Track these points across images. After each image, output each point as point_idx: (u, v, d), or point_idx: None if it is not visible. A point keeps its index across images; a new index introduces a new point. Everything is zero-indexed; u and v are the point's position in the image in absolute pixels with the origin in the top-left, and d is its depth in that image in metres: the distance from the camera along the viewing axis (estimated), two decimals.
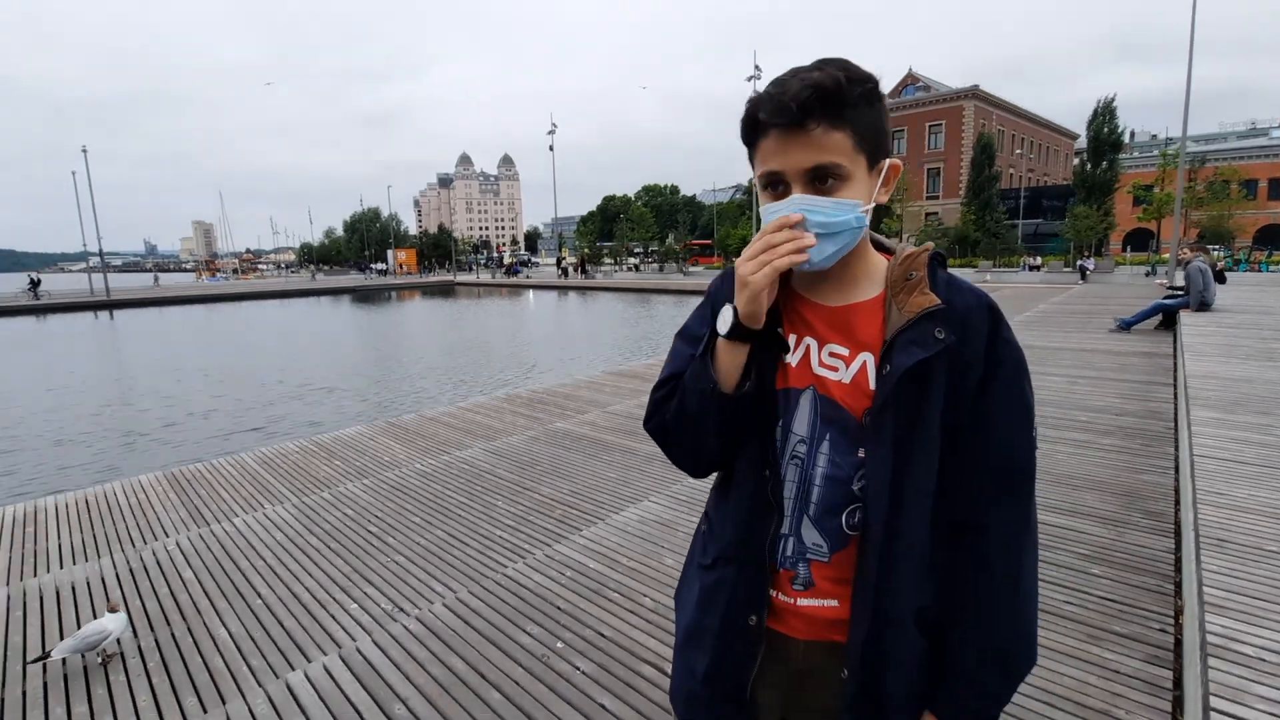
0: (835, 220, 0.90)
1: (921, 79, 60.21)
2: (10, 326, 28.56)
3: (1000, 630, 0.97)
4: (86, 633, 2.71)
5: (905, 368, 0.91)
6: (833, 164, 0.89)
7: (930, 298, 0.94)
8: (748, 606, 1.03)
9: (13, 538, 4.39)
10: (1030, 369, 0.97)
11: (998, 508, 0.96)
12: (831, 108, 0.87)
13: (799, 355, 1.00)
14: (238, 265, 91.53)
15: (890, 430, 0.93)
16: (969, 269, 36.67)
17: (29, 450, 9.45)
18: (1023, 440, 0.96)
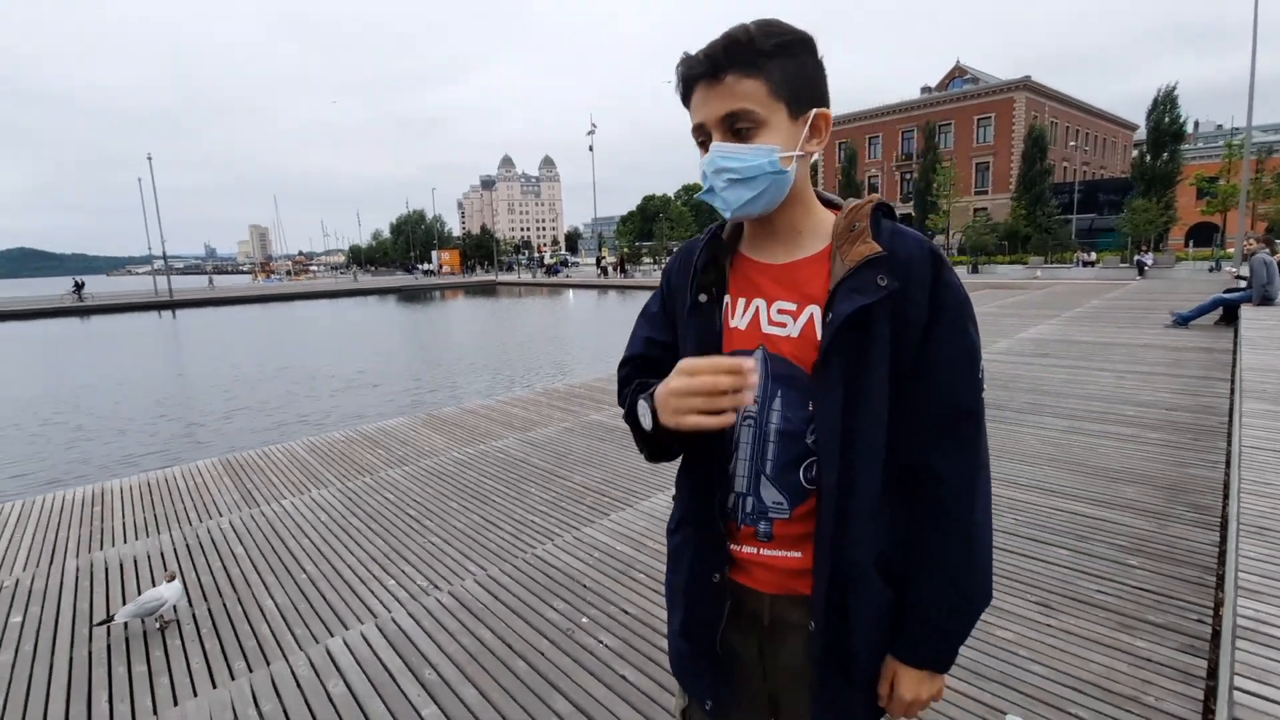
0: (747, 165, 0.92)
1: (970, 71, 58.55)
2: (70, 327, 30.25)
3: (956, 572, 0.97)
4: (146, 599, 2.90)
5: (846, 314, 0.91)
6: (744, 109, 0.91)
7: (872, 246, 0.94)
8: (710, 565, 1.06)
9: (82, 516, 4.70)
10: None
11: (946, 451, 0.96)
12: (742, 56, 0.90)
13: (748, 317, 1.02)
14: (290, 267, 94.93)
15: (837, 379, 0.94)
16: (1018, 265, 35.52)
17: (98, 439, 10.04)
18: (967, 383, 0.96)
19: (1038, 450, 4.61)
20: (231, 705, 2.24)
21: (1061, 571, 2.93)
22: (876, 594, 0.98)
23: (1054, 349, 8.76)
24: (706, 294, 1.04)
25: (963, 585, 0.98)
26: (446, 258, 72.41)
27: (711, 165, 0.94)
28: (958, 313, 0.96)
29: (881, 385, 0.94)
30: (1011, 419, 5.43)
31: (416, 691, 2.30)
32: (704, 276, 1.05)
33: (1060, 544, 3.19)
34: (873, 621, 0.99)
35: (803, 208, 1.01)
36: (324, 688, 2.33)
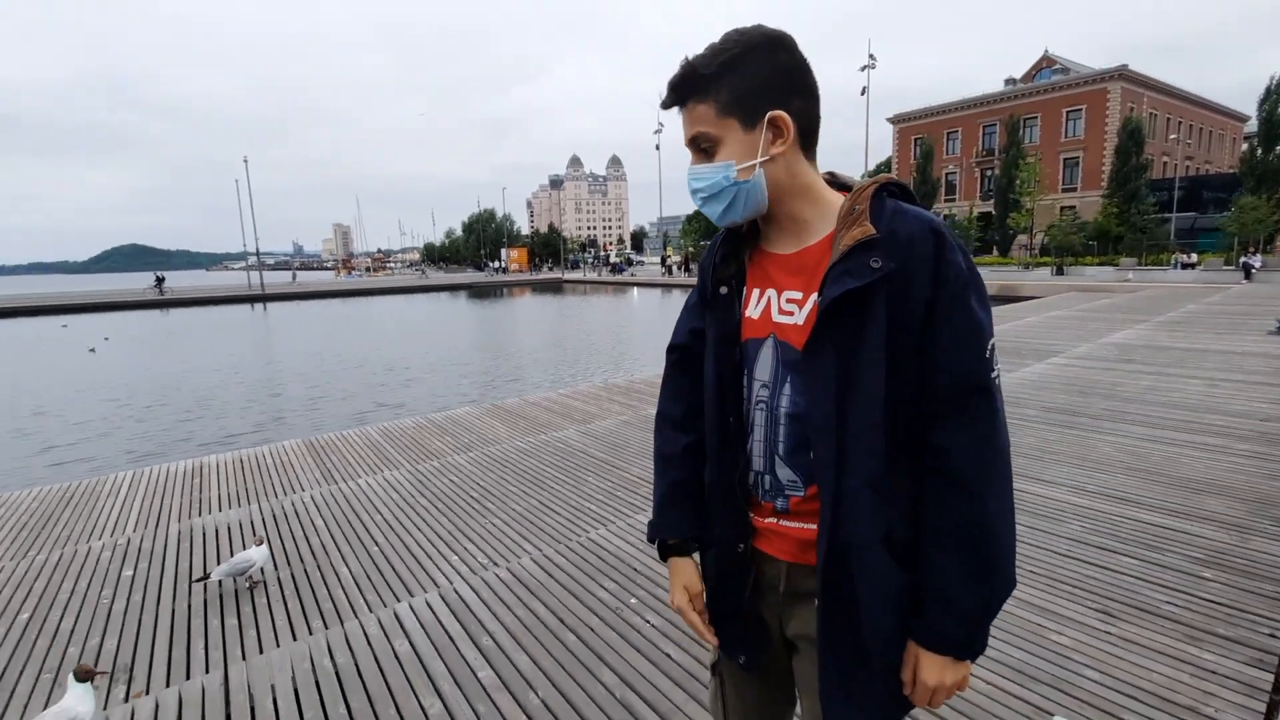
0: (709, 183, 1.01)
1: (1059, 61, 55.33)
2: (175, 318, 32.72)
3: (969, 550, 0.95)
4: (237, 560, 3.20)
5: (831, 298, 0.94)
6: (701, 134, 1.00)
7: (866, 228, 0.96)
8: (734, 536, 1.12)
9: (183, 486, 5.17)
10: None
11: (954, 427, 0.96)
12: (692, 84, 0.99)
13: (760, 307, 1.07)
14: (370, 264, 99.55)
15: (829, 362, 0.97)
16: (1108, 267, 33.40)
17: (199, 420, 10.91)
18: (972, 357, 0.96)
19: (1111, 458, 4.41)
20: (309, 656, 2.46)
21: (1127, 580, 2.83)
22: (884, 574, 0.98)
23: (1139, 355, 8.27)
24: (726, 286, 1.10)
25: (974, 562, 0.95)
26: (514, 255, 74.18)
27: (688, 186, 1.03)
28: (960, 288, 0.95)
29: (876, 366, 0.95)
30: (1086, 425, 5.20)
31: (474, 655, 2.46)
32: (723, 270, 1.11)
33: (1128, 553, 3.07)
34: (879, 602, 0.98)
35: (804, 198, 1.03)
36: (391, 646, 2.53)
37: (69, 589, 3.33)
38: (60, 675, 2.63)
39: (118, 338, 23.35)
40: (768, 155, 0.99)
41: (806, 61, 1.01)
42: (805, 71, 1.01)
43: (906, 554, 0.99)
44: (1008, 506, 0.97)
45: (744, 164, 0.99)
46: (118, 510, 4.71)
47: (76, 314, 33.48)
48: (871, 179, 1.03)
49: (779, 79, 0.99)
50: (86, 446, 9.51)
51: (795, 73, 1.00)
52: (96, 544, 3.88)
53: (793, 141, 1.00)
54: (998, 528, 0.96)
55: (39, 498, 4.99)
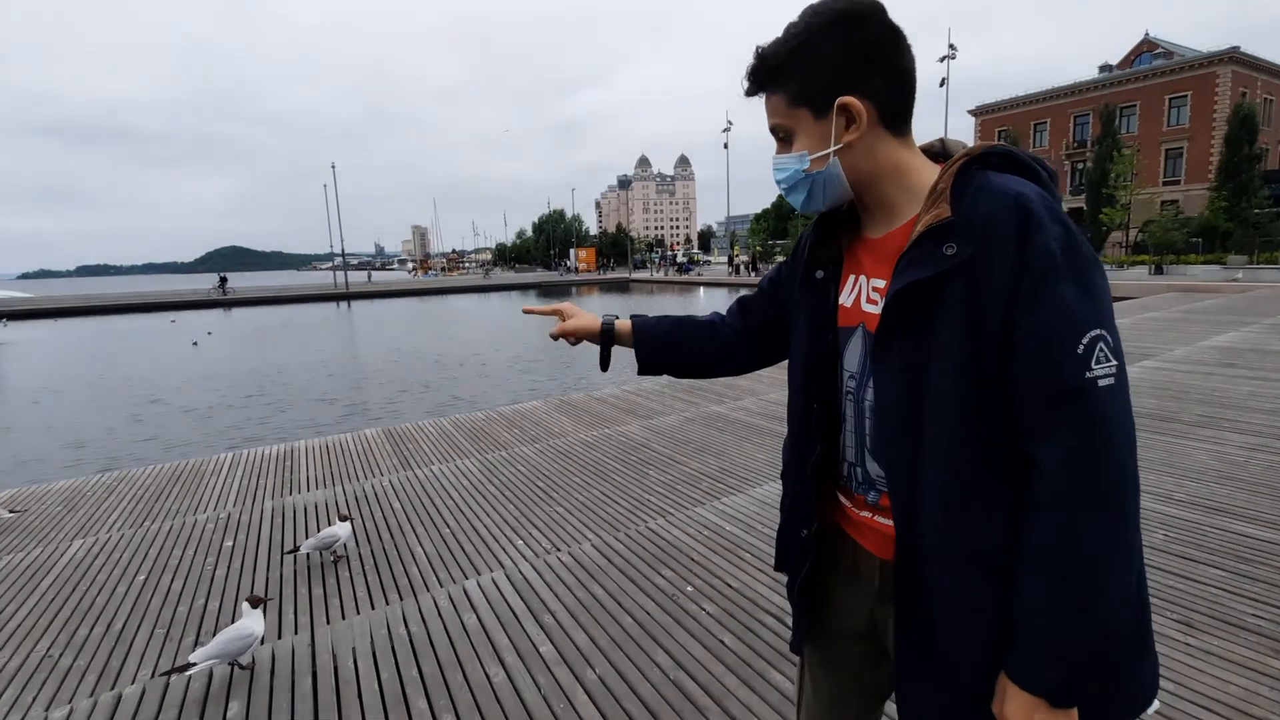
0: (787, 174, 1.00)
1: (1161, 45, 51.44)
2: (275, 314, 34.94)
3: (1053, 582, 0.81)
4: (324, 535, 3.46)
5: (895, 291, 0.88)
6: (776, 126, 0.99)
7: (942, 210, 0.87)
8: (800, 520, 1.11)
9: (276, 468, 5.58)
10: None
11: (1043, 440, 0.82)
12: (762, 76, 0.98)
13: (854, 295, 1.02)
14: (444, 263, 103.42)
15: (898, 356, 0.91)
16: (1214, 265, 30.84)
17: (291, 408, 11.70)
18: (1063, 354, 0.80)
19: (1205, 465, 4.13)
20: (386, 623, 2.65)
21: (1211, 591, 2.67)
22: (964, 592, 0.88)
23: (1244, 359, 7.65)
24: (823, 270, 1.06)
25: (1061, 596, 0.81)
26: (583, 255, 75.31)
27: (774, 176, 1.03)
28: (1046, 272, 0.81)
29: (950, 364, 0.86)
30: (1180, 431, 4.88)
31: (536, 631, 2.59)
32: (817, 254, 1.07)
33: (1215, 564, 2.90)
34: (960, 626, 0.89)
35: (893, 180, 0.96)
36: (460, 619, 2.69)
37: (178, 556, 3.68)
38: (171, 632, 2.93)
39: (219, 332, 25.20)
40: (840, 144, 0.94)
41: (893, 32, 0.92)
42: (887, 46, 0.92)
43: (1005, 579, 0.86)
44: (1114, 540, 0.79)
45: (817, 154, 0.96)
46: (219, 488, 5.14)
47: (147, 312, 36.32)
48: (970, 148, 0.94)
49: (853, 60, 0.92)
50: (193, 431, 10.37)
51: (874, 49, 0.92)
52: (201, 517, 4.26)
53: (869, 125, 0.93)
54: (1095, 564, 0.79)
55: (153, 474, 5.51)
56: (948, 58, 34.18)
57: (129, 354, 20.05)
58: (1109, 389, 0.80)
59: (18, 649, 2.85)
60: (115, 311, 37.23)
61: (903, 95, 0.94)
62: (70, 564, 3.65)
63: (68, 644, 2.87)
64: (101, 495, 5.06)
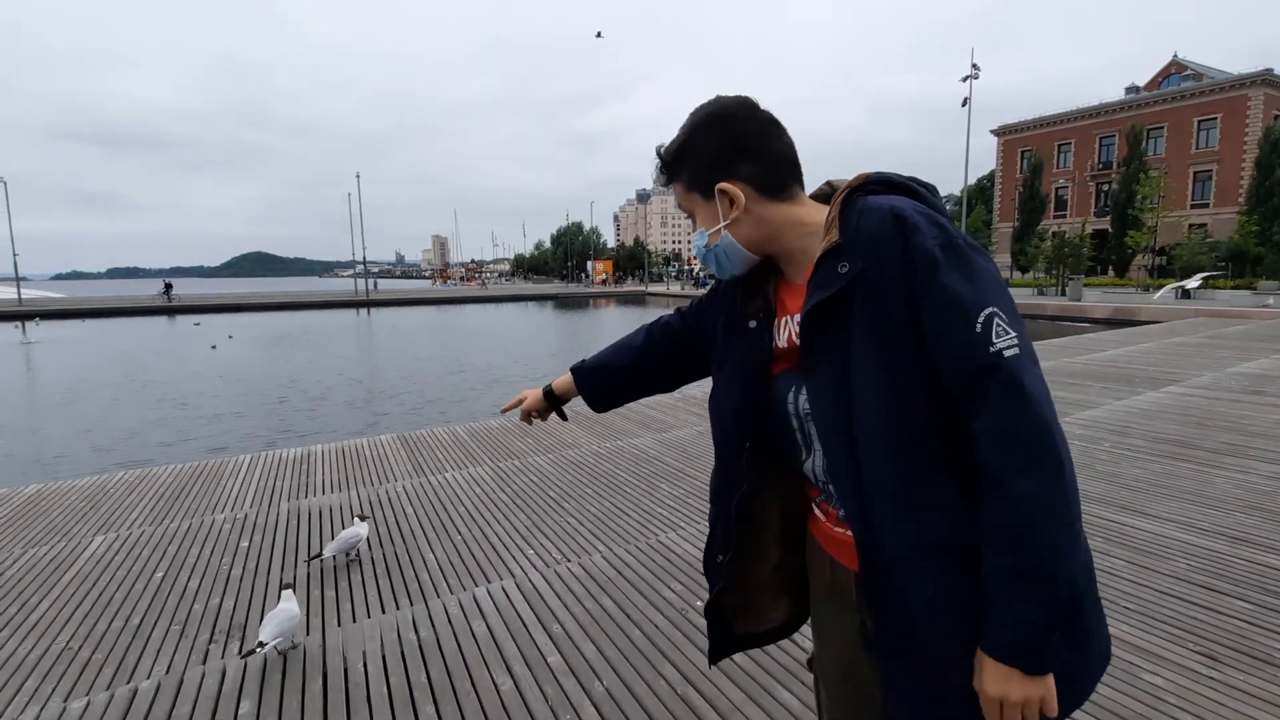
0: (697, 249, 1.16)
1: (1190, 67, 50.90)
2: (287, 320, 35.44)
3: (1007, 546, 0.86)
4: (347, 536, 3.50)
5: (805, 313, 0.98)
6: (681, 208, 1.15)
7: (831, 235, 0.97)
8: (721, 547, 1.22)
9: (292, 471, 5.65)
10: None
11: (975, 415, 0.89)
12: (665, 171, 1.15)
13: (785, 336, 1.09)
14: (463, 273, 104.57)
15: (824, 374, 0.98)
16: (1245, 290, 30.25)
17: (306, 412, 11.84)
18: (966, 334, 0.88)
19: (1229, 494, 4.04)
20: (397, 627, 2.67)
21: (1237, 624, 2.61)
22: (933, 583, 0.93)
23: (1273, 386, 7.48)
24: (755, 319, 1.13)
25: (1015, 559, 0.86)
26: (600, 268, 75.67)
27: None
28: (931, 270, 0.90)
29: (872, 368, 0.93)
30: (1204, 459, 4.78)
31: (544, 641, 2.59)
32: (749, 305, 1.15)
33: (1241, 595, 2.83)
34: (933, 611, 0.93)
35: (791, 234, 1.07)
36: (469, 626, 2.70)
37: (195, 554, 3.74)
38: (186, 629, 2.97)
39: (240, 336, 25.62)
40: (727, 220, 1.08)
41: (759, 122, 1.07)
42: (753, 135, 1.07)
43: (970, 562, 0.91)
44: (1048, 496, 0.85)
45: (712, 229, 1.11)
46: (237, 488, 5.21)
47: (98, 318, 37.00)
48: (850, 180, 1.05)
49: (724, 151, 1.07)
50: (214, 431, 10.53)
51: (740, 139, 1.07)
52: (219, 516, 4.33)
53: (751, 200, 1.06)
54: (1038, 519, 0.85)
55: (174, 474, 5.61)
56: (970, 77, 34.05)
57: (152, 356, 20.45)
58: (1015, 358, 0.87)
59: (39, 640, 2.90)
60: (105, 315, 38.05)
61: (779, 170, 1.07)
62: (91, 559, 3.72)
63: (87, 637, 2.92)
64: (124, 492, 5.16)
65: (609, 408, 1.54)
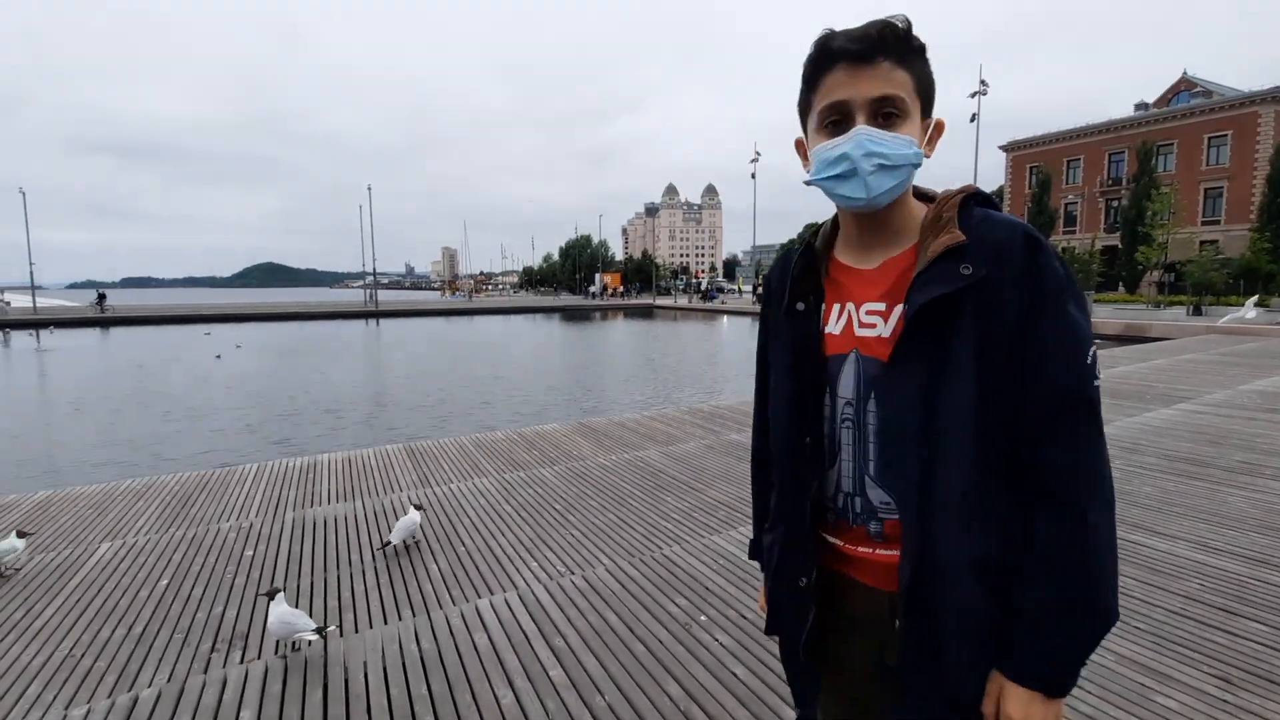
0: (895, 154, 0.92)
1: (1199, 84, 50.86)
2: (296, 330, 35.67)
3: (1064, 577, 0.88)
4: (406, 523, 3.82)
5: (919, 305, 0.91)
6: (898, 96, 0.93)
7: (955, 235, 0.93)
8: (797, 569, 1.07)
9: (299, 480, 5.66)
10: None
11: (1053, 443, 0.89)
12: (899, 46, 0.93)
13: (841, 323, 1.03)
14: (472, 285, 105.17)
15: (915, 372, 0.93)
16: (1259, 309, 29.94)
17: (314, 418, 11.88)
18: (1073, 367, 0.89)
19: (1244, 514, 3.98)
20: (399, 639, 2.65)
21: (1252, 646, 2.56)
22: (969, 599, 0.92)
23: None
24: (804, 302, 1.06)
25: (1072, 591, 0.88)
26: (608, 280, 75.84)
27: (860, 148, 0.92)
28: (1058, 293, 0.90)
29: (966, 378, 0.90)
30: (1218, 478, 4.71)
31: (546, 654, 2.56)
32: (801, 284, 1.07)
33: (1256, 617, 2.77)
34: (967, 624, 0.92)
35: (904, 207, 1.01)
36: (471, 638, 2.68)
37: (200, 563, 3.74)
38: (189, 638, 2.96)
39: (248, 345, 25.79)
40: (929, 152, 0.98)
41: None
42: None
43: (1000, 583, 0.92)
44: (1111, 531, 0.90)
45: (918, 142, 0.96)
46: (243, 498, 5.22)
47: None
48: (959, 189, 1.01)
49: (933, 87, 0.98)
50: (221, 440, 10.58)
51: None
52: (225, 525, 4.33)
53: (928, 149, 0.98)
54: (1100, 553, 0.89)
55: (181, 482, 5.63)
56: (979, 93, 34.12)
57: (161, 365, 20.61)
58: (1100, 397, 0.93)
59: (43, 646, 2.91)
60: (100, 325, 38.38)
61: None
62: (97, 566, 3.72)
63: (90, 644, 2.92)
64: (131, 500, 5.18)
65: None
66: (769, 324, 1.17)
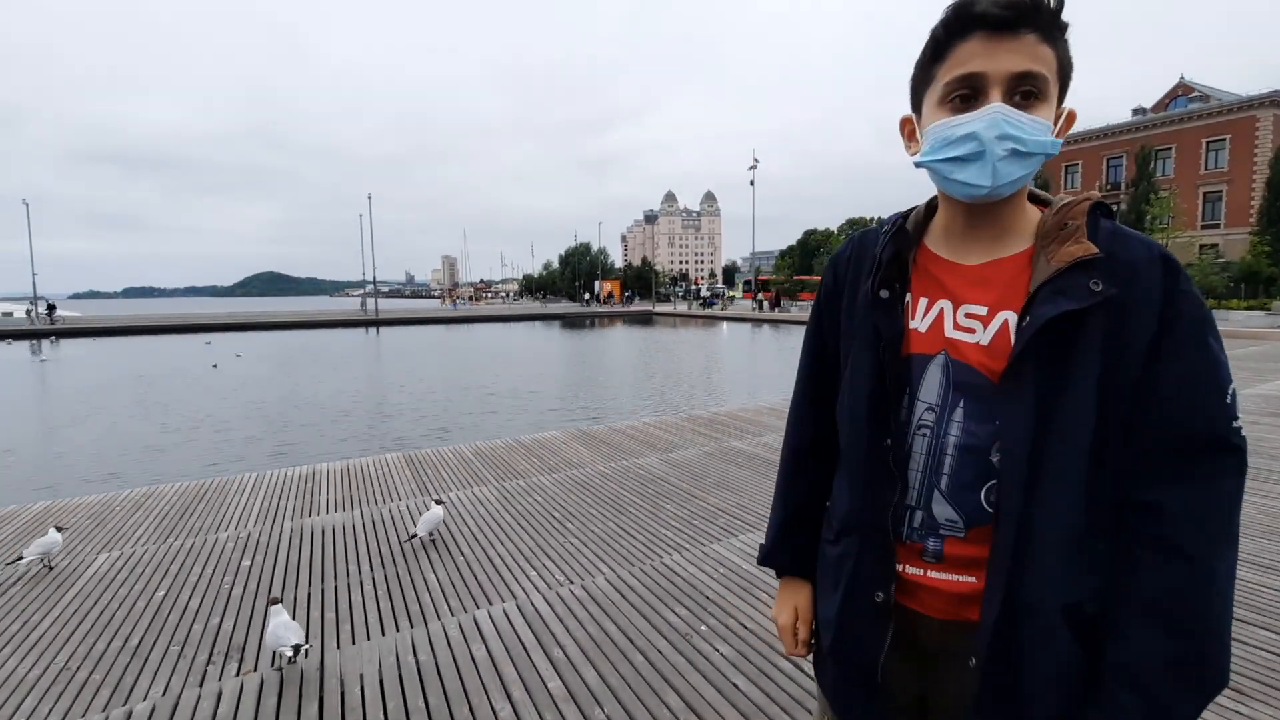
0: (1032, 139, 0.82)
1: (1197, 88, 51.00)
2: (297, 338, 35.72)
3: (1180, 630, 0.78)
4: (431, 518, 4.03)
5: (1046, 318, 0.80)
6: (1041, 75, 0.82)
7: (1086, 246, 0.83)
8: (872, 583, 0.95)
9: (297, 489, 5.63)
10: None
11: (1176, 485, 0.80)
12: (1047, 21, 0.82)
13: (930, 319, 0.93)
14: (472, 293, 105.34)
15: (1029, 392, 0.82)
16: (1258, 311, 29.97)
17: (313, 427, 11.85)
18: (1209, 403, 0.81)
19: (1251, 520, 3.95)
20: (395, 651, 2.62)
21: (1263, 656, 2.53)
22: (1060, 648, 0.84)
23: None
24: (889, 289, 0.95)
25: (1183, 646, 0.78)
26: (608, 287, 75.89)
27: (995, 128, 0.81)
28: (1198, 323, 0.81)
29: (1085, 406, 0.81)
30: None
31: (545, 665, 2.53)
32: (888, 270, 0.95)
33: (1264, 625, 2.74)
34: (1051, 679, 0.84)
35: (1020, 204, 0.91)
36: (469, 649, 2.65)
37: (197, 573, 3.71)
38: (185, 650, 2.93)
39: (249, 355, 25.79)
40: (1061, 138, 0.87)
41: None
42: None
43: (1089, 628, 0.84)
44: (1229, 589, 0.80)
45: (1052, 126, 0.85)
46: (242, 507, 5.19)
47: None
48: (1081, 195, 0.91)
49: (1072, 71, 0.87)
50: (221, 449, 10.55)
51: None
52: (223, 535, 4.30)
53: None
54: (1219, 608, 0.80)
55: (180, 491, 5.60)
56: None
57: (163, 374, 20.61)
58: (1245, 443, 0.83)
59: (39, 659, 2.88)
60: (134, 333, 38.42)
61: None
62: (94, 577, 3.70)
63: (86, 656, 2.89)
64: (129, 510, 5.15)
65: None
66: (832, 310, 1.06)
